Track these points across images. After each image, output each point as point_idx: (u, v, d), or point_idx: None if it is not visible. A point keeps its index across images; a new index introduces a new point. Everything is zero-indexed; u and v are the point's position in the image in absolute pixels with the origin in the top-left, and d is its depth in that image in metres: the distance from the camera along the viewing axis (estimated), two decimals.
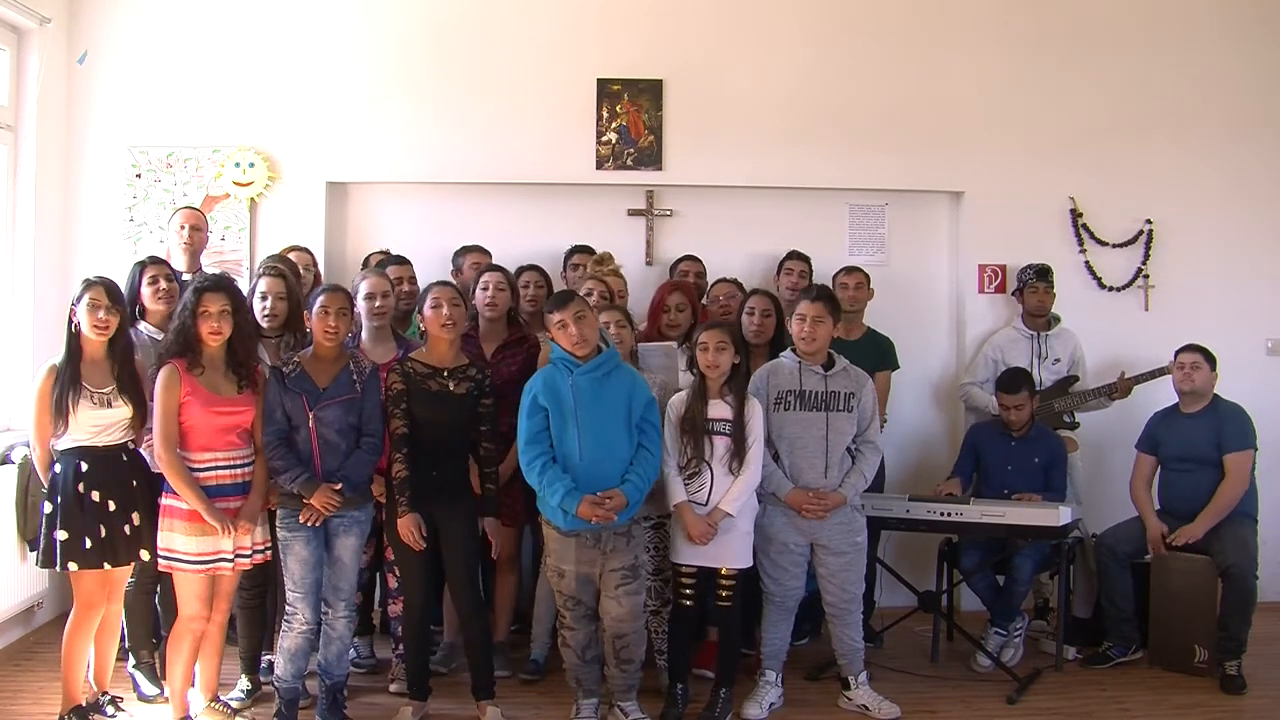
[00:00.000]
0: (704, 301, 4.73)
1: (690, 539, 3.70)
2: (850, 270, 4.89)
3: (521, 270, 4.53)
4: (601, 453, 3.53)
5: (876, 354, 4.68)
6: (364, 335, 4.05)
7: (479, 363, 3.91)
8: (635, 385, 3.65)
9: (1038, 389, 4.86)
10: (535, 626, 4.27)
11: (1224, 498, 4.35)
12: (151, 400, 3.52)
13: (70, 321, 3.51)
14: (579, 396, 3.54)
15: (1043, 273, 5.04)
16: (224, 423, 3.52)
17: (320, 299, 3.64)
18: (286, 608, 3.64)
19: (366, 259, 4.89)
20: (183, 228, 4.45)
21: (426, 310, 3.73)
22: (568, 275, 4.87)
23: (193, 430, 3.48)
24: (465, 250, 4.82)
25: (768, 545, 3.89)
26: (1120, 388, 4.87)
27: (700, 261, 5.00)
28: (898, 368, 4.87)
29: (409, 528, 3.61)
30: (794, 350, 3.96)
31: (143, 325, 3.92)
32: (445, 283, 3.86)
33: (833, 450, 3.86)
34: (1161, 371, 4.77)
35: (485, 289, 4.20)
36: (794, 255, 4.95)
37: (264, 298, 3.91)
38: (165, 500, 3.51)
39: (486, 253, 4.79)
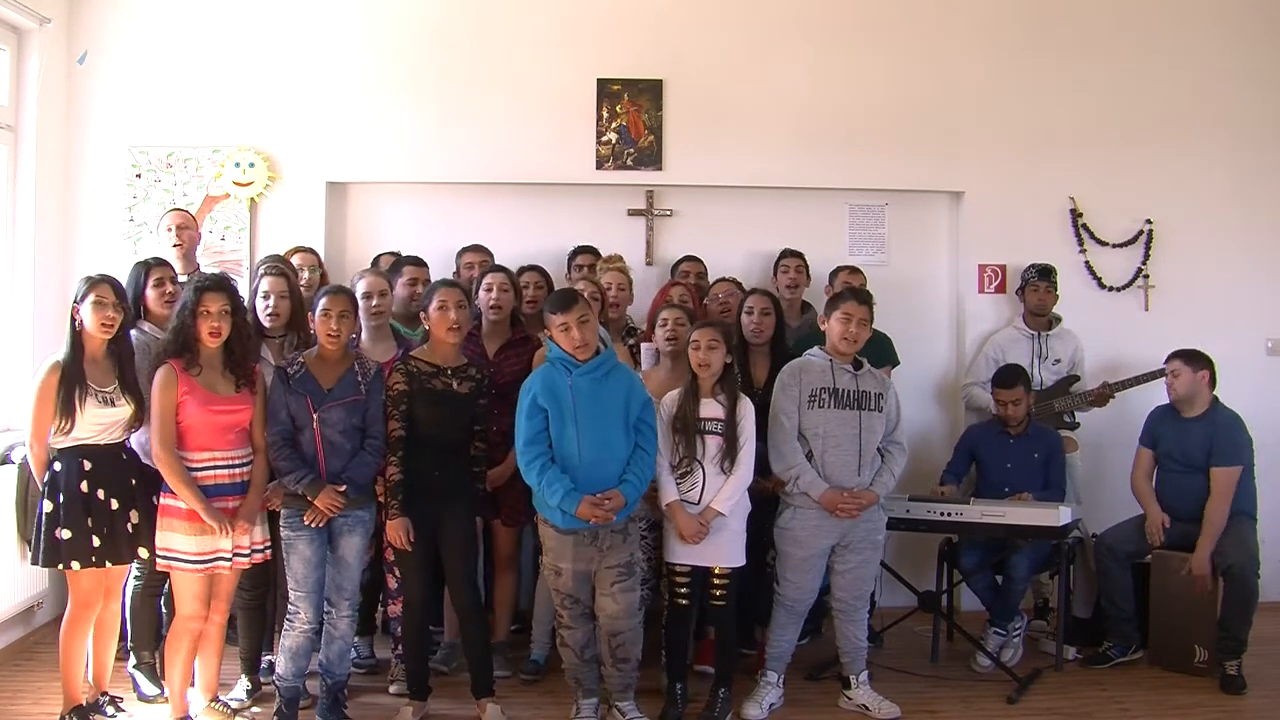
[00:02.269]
0: (704, 301, 4.73)
1: (682, 538, 3.70)
2: (854, 270, 4.90)
3: (521, 271, 4.51)
4: (600, 453, 3.53)
5: (879, 352, 4.65)
6: (363, 334, 4.06)
7: (480, 362, 3.90)
8: (633, 385, 3.65)
9: (1038, 389, 4.86)
10: (535, 627, 4.27)
11: (1214, 517, 4.31)
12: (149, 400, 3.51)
13: (73, 319, 3.48)
14: (578, 397, 3.54)
15: (1045, 272, 5.04)
16: (222, 422, 3.51)
17: (322, 302, 3.63)
18: (289, 607, 3.64)
19: (376, 259, 4.87)
20: (170, 229, 4.43)
21: (432, 311, 3.71)
22: (571, 276, 4.86)
23: (191, 429, 3.47)
24: (465, 250, 4.82)
25: (794, 550, 3.88)
26: (1098, 395, 4.87)
27: (701, 262, 5.02)
28: (898, 363, 4.87)
29: (398, 531, 3.62)
30: (822, 348, 3.96)
31: (145, 325, 3.89)
32: (452, 283, 3.85)
33: (865, 449, 3.86)
34: (1151, 376, 4.78)
35: (489, 290, 4.18)
36: (790, 253, 4.96)
37: (266, 297, 3.91)
38: (164, 500, 3.51)
39: (487, 252, 4.79)
